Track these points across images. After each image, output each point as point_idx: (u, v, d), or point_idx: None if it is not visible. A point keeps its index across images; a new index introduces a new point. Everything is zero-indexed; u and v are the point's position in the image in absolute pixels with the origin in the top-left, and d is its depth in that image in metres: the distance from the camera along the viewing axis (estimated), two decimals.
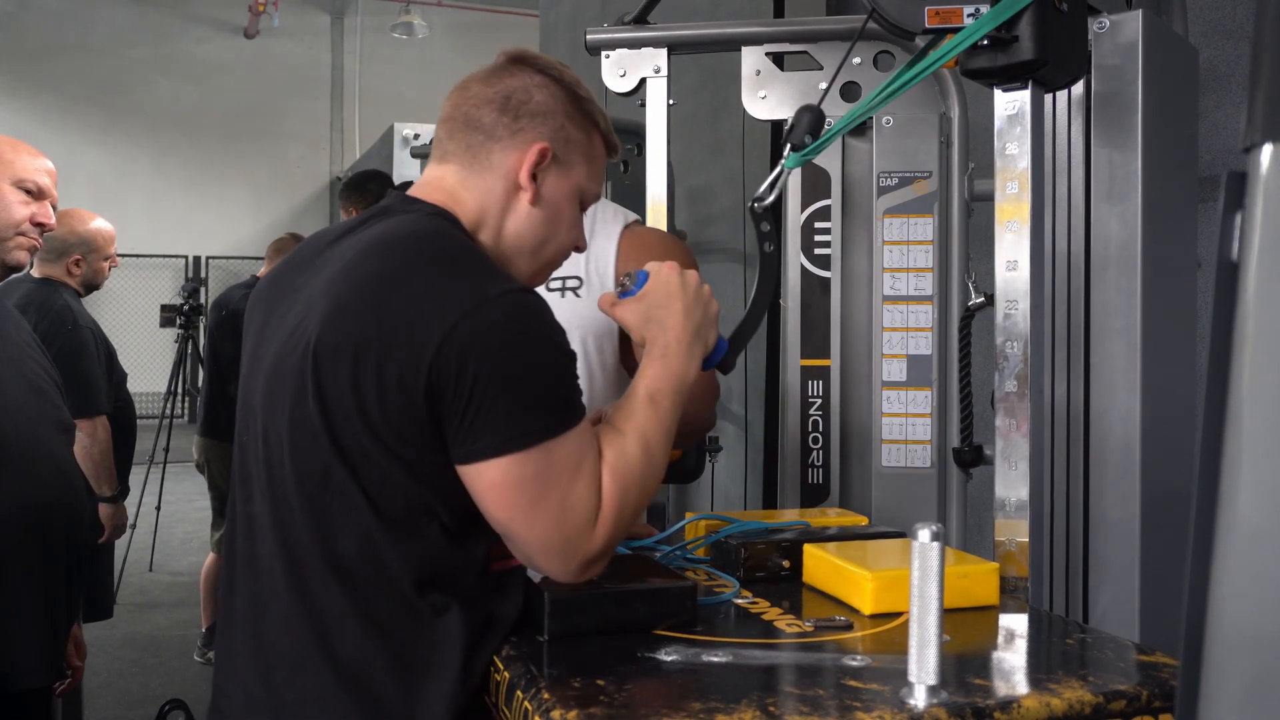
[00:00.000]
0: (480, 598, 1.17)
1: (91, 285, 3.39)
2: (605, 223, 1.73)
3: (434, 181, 1.30)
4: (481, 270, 1.16)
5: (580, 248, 1.39)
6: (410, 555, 1.14)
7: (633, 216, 1.79)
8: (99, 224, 3.38)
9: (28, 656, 1.84)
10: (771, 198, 1.51)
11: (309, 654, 1.14)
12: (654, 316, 1.29)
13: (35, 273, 3.28)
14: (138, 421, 3.64)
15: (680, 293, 1.30)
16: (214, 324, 4.47)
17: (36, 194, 2.07)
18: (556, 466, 1.12)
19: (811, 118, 1.50)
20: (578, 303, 1.67)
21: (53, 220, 2.11)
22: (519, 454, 1.10)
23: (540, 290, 1.24)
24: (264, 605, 1.18)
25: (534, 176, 1.27)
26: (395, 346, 1.09)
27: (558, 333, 1.16)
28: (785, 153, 1.51)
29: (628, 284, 1.33)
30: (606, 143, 1.36)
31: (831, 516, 1.73)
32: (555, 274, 1.69)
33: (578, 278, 1.68)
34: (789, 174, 1.51)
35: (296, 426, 1.15)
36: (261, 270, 4.44)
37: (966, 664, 1.11)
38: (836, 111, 1.92)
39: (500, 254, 1.29)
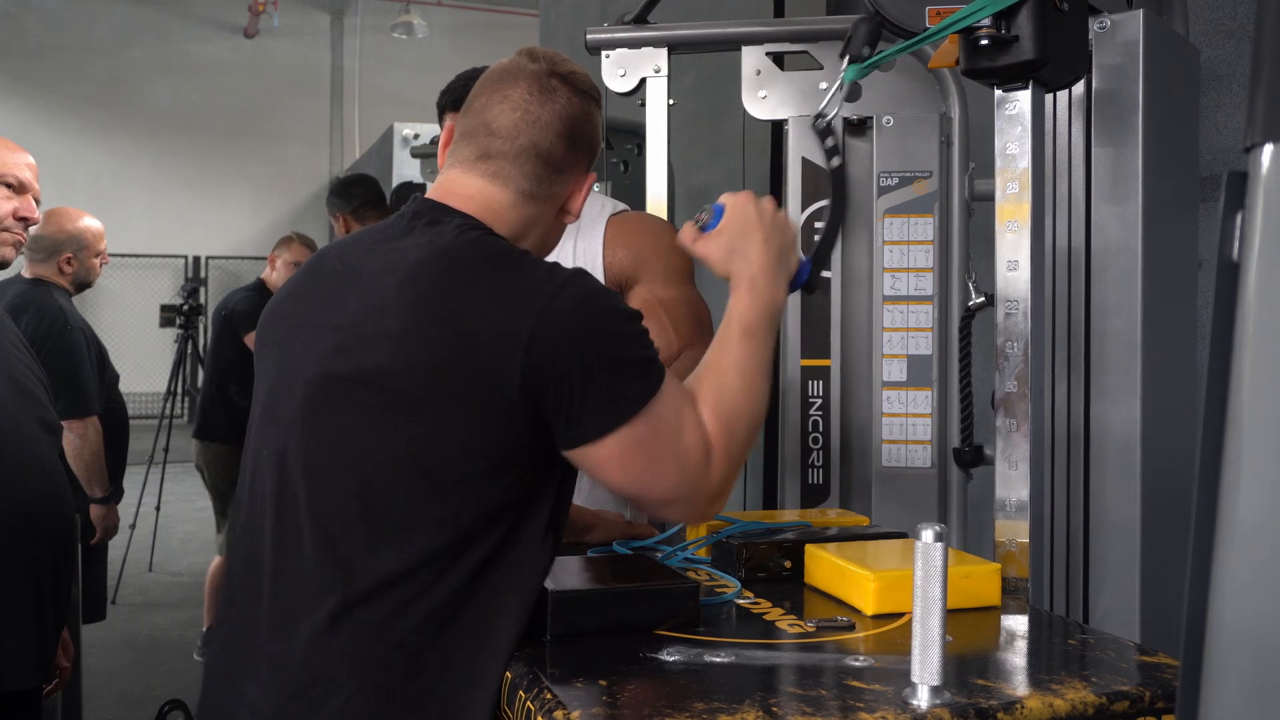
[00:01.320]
0: (522, 611, 1.16)
1: (83, 283, 3.39)
2: (591, 217, 1.74)
3: (478, 196, 1.26)
4: (536, 264, 1.18)
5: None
6: (464, 570, 1.12)
7: (621, 206, 1.79)
8: (88, 221, 3.38)
9: (15, 657, 1.83)
10: (835, 112, 1.52)
11: (340, 674, 1.11)
12: (736, 248, 1.31)
13: (26, 273, 3.28)
14: (137, 422, 3.64)
15: (759, 222, 1.32)
16: (216, 327, 4.46)
17: (18, 188, 2.07)
18: (662, 422, 1.15)
19: (869, 28, 1.49)
20: None
21: (36, 214, 2.11)
22: (627, 425, 1.13)
23: None
24: (291, 623, 1.15)
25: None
26: (480, 356, 1.10)
27: (619, 300, 1.21)
28: (843, 65, 1.50)
29: (705, 218, 1.34)
30: None
31: (832, 517, 1.73)
32: None
33: None
34: (848, 86, 1.51)
35: (360, 441, 1.14)
36: (266, 272, 4.43)
37: (969, 664, 1.12)
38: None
39: None
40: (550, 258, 1.68)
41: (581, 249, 1.69)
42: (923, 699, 0.98)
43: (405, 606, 1.11)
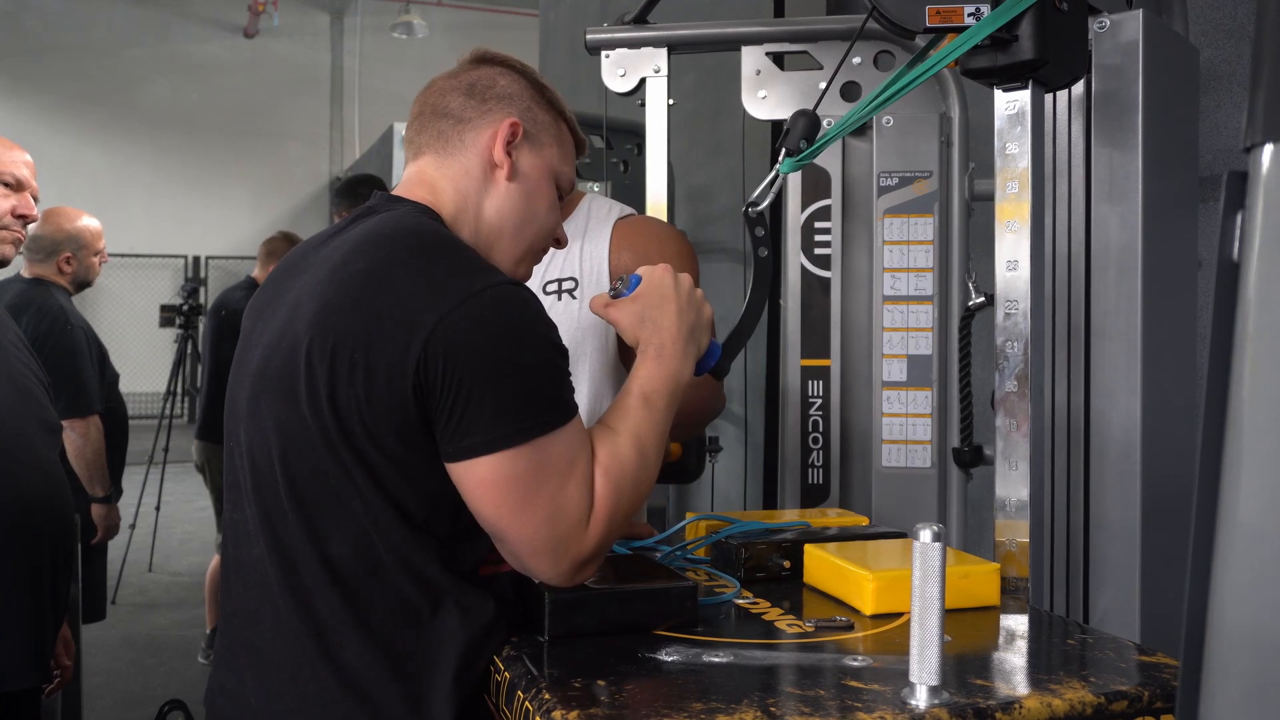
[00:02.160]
0: (476, 598, 1.17)
1: (83, 282, 3.39)
2: (598, 220, 1.73)
3: (412, 177, 1.31)
4: (467, 265, 1.15)
5: (560, 240, 1.40)
6: (405, 557, 1.13)
7: (627, 210, 1.78)
8: (86, 220, 3.39)
9: (13, 658, 1.83)
10: (766, 203, 1.51)
11: (306, 660, 1.13)
12: (648, 317, 1.29)
13: (26, 273, 3.28)
14: (137, 422, 3.64)
15: (674, 294, 1.30)
16: (213, 326, 4.47)
17: (15, 186, 2.07)
18: (548, 465, 1.11)
19: (806, 122, 1.49)
20: (574, 304, 1.67)
21: (34, 211, 2.11)
22: (508, 451, 1.09)
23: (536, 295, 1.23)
24: (256, 611, 1.18)
25: (508, 153, 1.29)
26: (382, 344, 1.09)
27: (547, 327, 1.15)
28: (779, 158, 1.51)
29: (620, 287, 1.33)
30: (575, 135, 1.39)
31: (832, 517, 1.73)
32: (550, 276, 1.69)
33: (573, 278, 1.68)
34: (784, 179, 1.51)
35: (287, 429, 1.14)
36: (255, 271, 4.44)
37: (967, 664, 1.11)
38: (838, 111, 1.92)
39: (483, 241, 1.28)
40: (557, 259, 1.69)
41: (588, 251, 1.68)
42: (921, 699, 0.98)
43: (350, 596, 1.13)
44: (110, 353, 3.51)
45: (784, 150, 1.50)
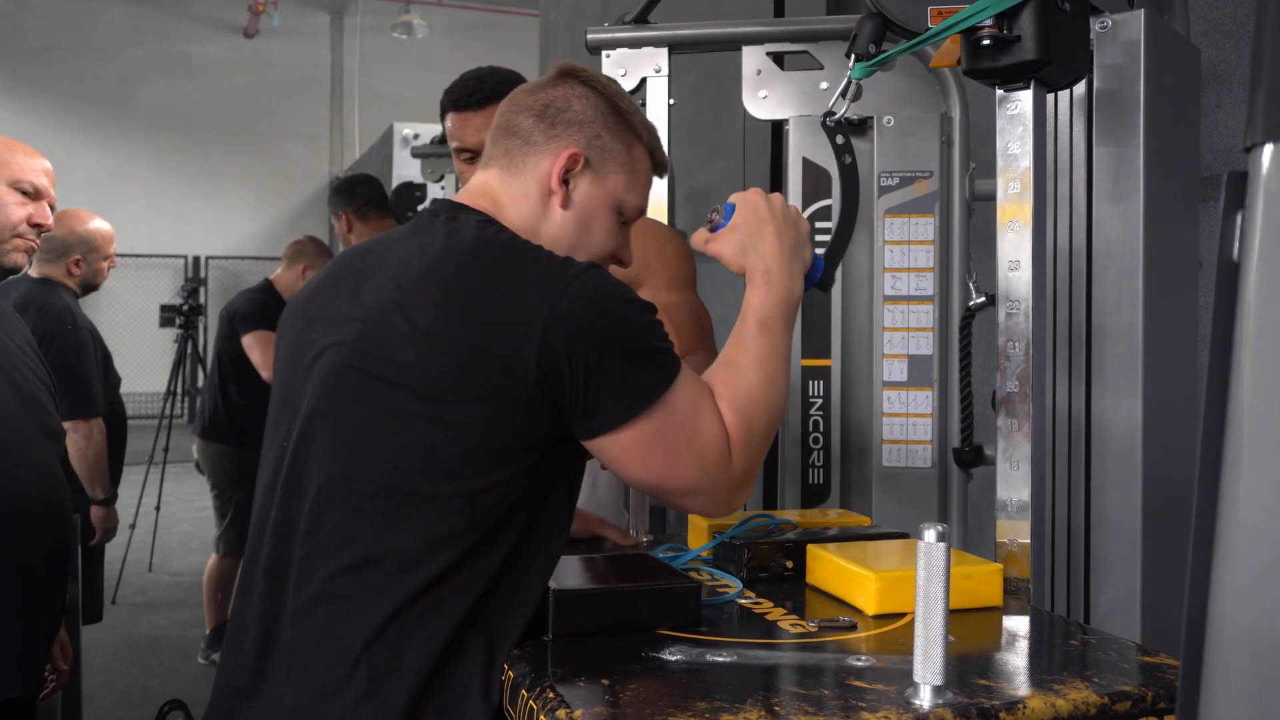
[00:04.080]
0: (509, 613, 1.17)
1: (90, 285, 3.39)
2: None
3: (477, 187, 1.33)
4: (553, 259, 1.18)
5: (623, 260, 1.39)
6: (472, 565, 1.13)
7: None
8: (98, 224, 3.38)
9: (4, 666, 1.80)
10: (843, 111, 1.52)
11: (348, 662, 1.12)
12: (750, 244, 1.31)
13: (34, 273, 3.27)
14: (137, 422, 3.64)
15: (770, 216, 1.32)
16: (219, 328, 4.46)
17: (33, 194, 2.05)
18: (679, 413, 1.16)
19: (874, 25, 1.47)
20: None
21: (50, 221, 2.09)
22: (643, 416, 1.14)
23: None
24: (302, 612, 1.16)
25: (565, 181, 1.29)
26: (497, 346, 1.11)
27: (634, 293, 1.20)
28: (850, 63, 1.50)
29: (716, 218, 1.35)
30: (653, 158, 1.37)
31: (832, 517, 1.74)
32: None
33: None
34: (857, 85, 1.51)
35: (383, 433, 1.14)
36: (276, 272, 4.42)
37: (971, 664, 1.12)
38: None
39: None
40: None
41: None
42: (925, 699, 0.98)
43: (405, 599, 1.12)
44: (110, 352, 3.51)
45: (853, 56, 1.49)
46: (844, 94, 1.52)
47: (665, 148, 2.27)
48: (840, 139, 1.53)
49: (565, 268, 1.16)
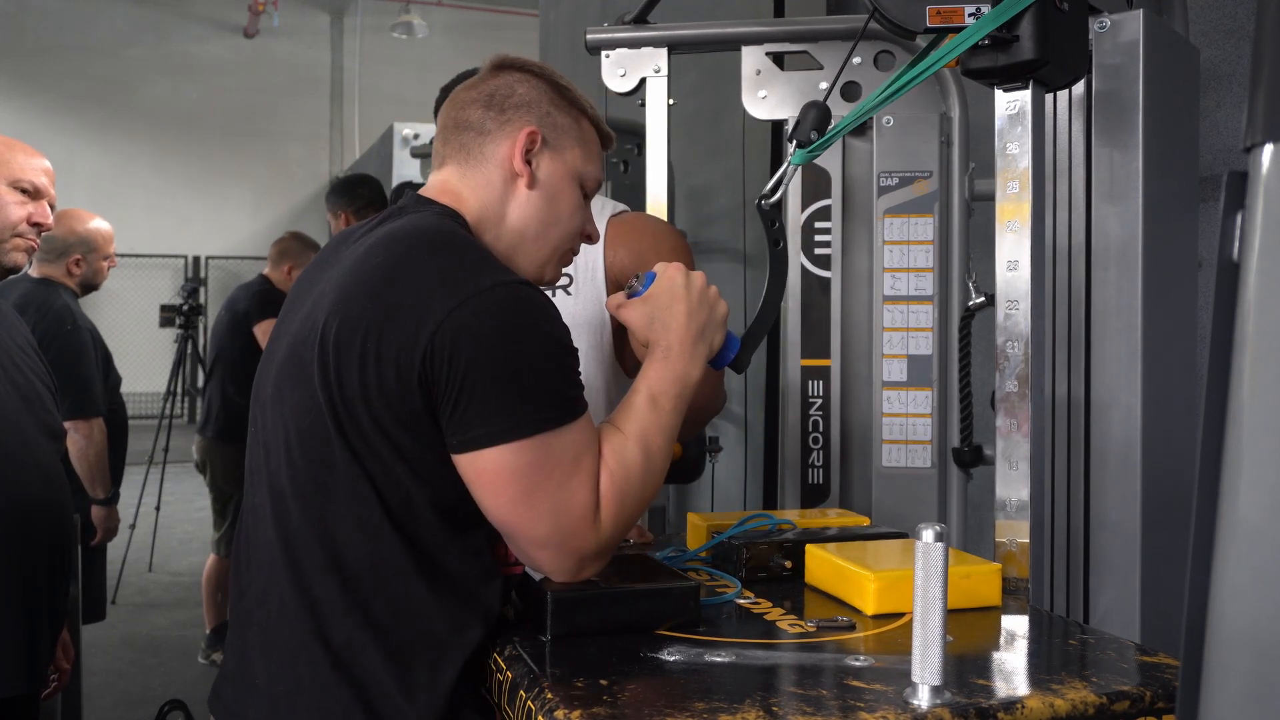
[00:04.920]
0: (472, 589, 1.18)
1: (90, 285, 3.39)
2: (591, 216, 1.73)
3: (438, 185, 1.33)
4: (481, 263, 1.17)
5: (591, 236, 1.40)
6: (408, 546, 1.15)
7: (620, 207, 1.79)
8: (98, 224, 3.39)
9: (6, 665, 1.81)
10: (778, 195, 1.51)
11: (305, 642, 1.15)
12: (658, 317, 1.29)
13: (34, 272, 3.27)
14: (137, 422, 3.65)
15: (684, 294, 1.30)
16: (217, 325, 4.47)
17: (33, 194, 2.05)
18: (552, 460, 1.12)
19: (817, 113, 1.49)
20: (569, 300, 1.68)
21: (50, 220, 2.09)
22: (513, 444, 1.11)
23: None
24: (264, 593, 1.19)
25: (528, 161, 1.30)
26: (394, 334, 1.11)
27: (556, 326, 1.16)
28: (790, 149, 1.51)
29: (636, 285, 1.34)
30: (599, 130, 1.39)
31: (832, 517, 1.74)
32: None
33: (568, 275, 1.69)
34: (795, 171, 1.51)
35: (303, 415, 1.16)
36: (267, 270, 4.44)
37: (969, 664, 1.12)
38: (838, 111, 1.92)
39: (505, 246, 1.30)
40: None
41: (582, 249, 1.69)
42: (923, 699, 0.98)
43: (349, 581, 1.14)
44: (110, 352, 3.51)
45: (794, 142, 1.50)
46: (779, 181, 1.51)
47: (665, 148, 2.28)
48: (774, 223, 1.51)
49: (485, 276, 1.13)
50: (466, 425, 1.11)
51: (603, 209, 1.75)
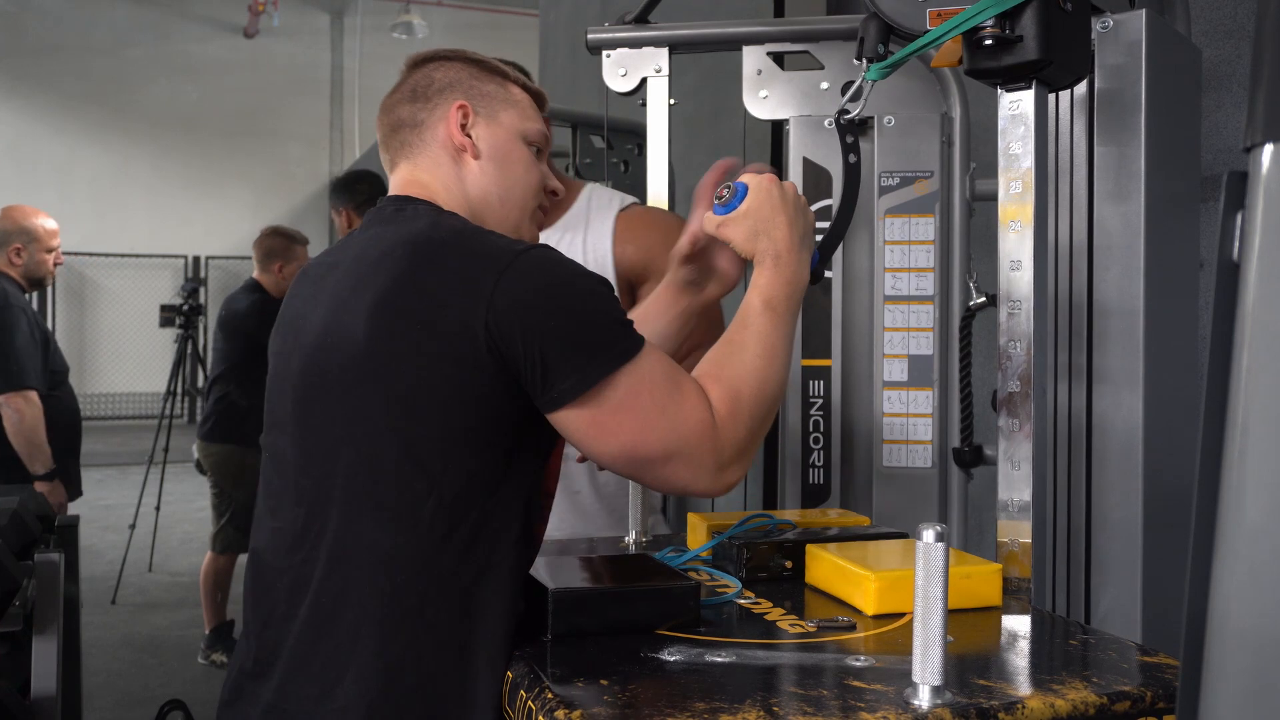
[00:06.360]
0: (511, 588, 1.18)
1: (34, 277, 3.48)
2: (600, 209, 1.73)
3: (401, 183, 1.35)
4: (503, 239, 1.20)
5: (553, 189, 1.43)
6: (462, 548, 1.14)
7: (629, 200, 1.78)
8: (42, 220, 3.51)
9: None
10: (857, 110, 1.52)
11: (356, 657, 1.12)
12: (761, 230, 1.32)
13: None
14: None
15: (783, 205, 1.33)
16: (217, 328, 4.47)
17: None
18: (645, 382, 1.13)
19: (878, 26, 1.48)
20: None
21: None
22: (602, 383, 1.12)
23: None
24: (310, 608, 1.16)
25: (468, 135, 1.33)
26: (446, 323, 1.11)
27: (588, 272, 1.19)
28: (863, 66, 1.50)
29: (726, 195, 1.34)
30: (528, 89, 1.42)
31: (832, 517, 1.74)
32: None
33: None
34: (871, 86, 1.51)
35: (348, 426, 1.15)
36: (256, 274, 4.44)
37: (970, 665, 1.12)
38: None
39: (475, 219, 1.31)
40: (560, 249, 1.68)
41: (591, 243, 1.68)
42: (924, 699, 0.98)
43: (403, 588, 1.12)
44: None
45: (865, 59, 1.50)
46: (857, 96, 1.52)
47: (666, 148, 2.28)
48: (850, 138, 1.54)
49: (514, 245, 1.17)
50: (554, 381, 1.11)
51: (611, 201, 1.75)
